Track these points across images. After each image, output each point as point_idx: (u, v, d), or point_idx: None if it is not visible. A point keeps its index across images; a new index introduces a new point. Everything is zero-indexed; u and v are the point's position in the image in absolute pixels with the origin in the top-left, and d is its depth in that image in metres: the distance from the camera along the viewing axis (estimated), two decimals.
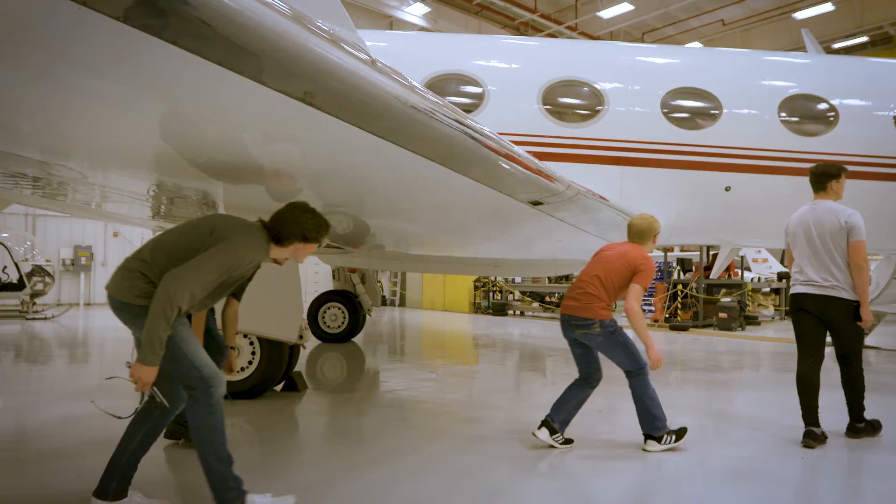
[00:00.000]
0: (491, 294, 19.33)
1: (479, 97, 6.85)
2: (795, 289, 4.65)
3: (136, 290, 2.80)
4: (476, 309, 19.28)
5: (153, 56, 1.75)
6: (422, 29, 21.32)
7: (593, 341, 4.27)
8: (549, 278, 18.00)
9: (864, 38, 24.47)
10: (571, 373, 8.01)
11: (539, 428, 4.25)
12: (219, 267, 2.78)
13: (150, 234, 16.62)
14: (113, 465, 2.94)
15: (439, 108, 2.55)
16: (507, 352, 10.54)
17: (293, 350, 5.86)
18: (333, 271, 10.79)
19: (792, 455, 4.20)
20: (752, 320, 15.16)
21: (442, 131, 2.61)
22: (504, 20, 23.36)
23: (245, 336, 5.48)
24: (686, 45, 23.63)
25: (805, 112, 7.14)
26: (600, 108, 6.83)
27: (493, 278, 18.74)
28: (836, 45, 24.35)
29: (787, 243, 4.84)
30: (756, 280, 18.72)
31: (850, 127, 7.04)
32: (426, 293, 20.70)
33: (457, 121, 2.66)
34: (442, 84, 6.98)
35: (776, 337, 12.70)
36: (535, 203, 4.07)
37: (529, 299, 18.89)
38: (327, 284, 13.12)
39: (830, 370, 4.73)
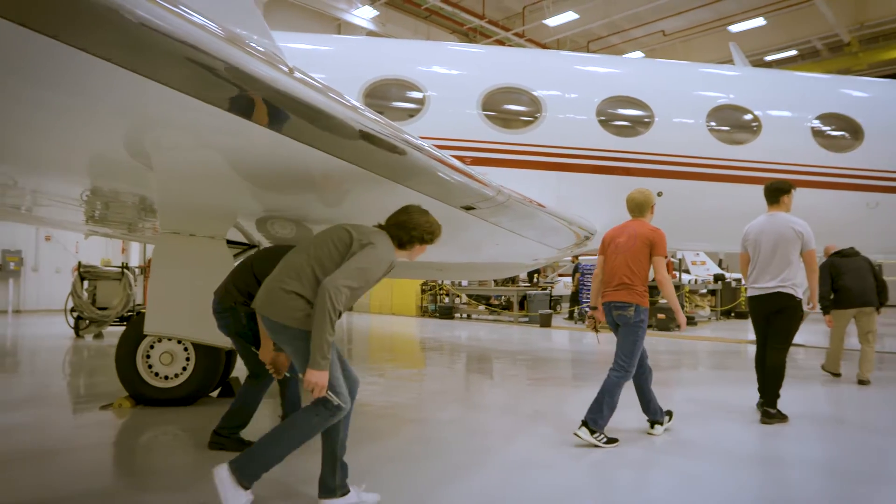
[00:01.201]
0: (438, 297, 19.43)
1: (420, 102, 6.92)
2: (752, 291, 5.36)
3: (296, 313, 2.97)
4: (423, 312, 19.35)
5: (69, 61, 1.74)
6: (370, 33, 21.30)
7: (624, 321, 4.56)
8: (494, 281, 18.22)
9: (793, 52, 25.73)
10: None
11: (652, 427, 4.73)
12: (370, 271, 3.02)
13: (81, 238, 15.98)
14: (336, 461, 3.16)
15: (358, 113, 2.58)
16: (455, 354, 10.62)
17: (230, 355, 5.79)
18: None
19: (752, 430, 4.44)
20: (689, 321, 15.71)
21: (361, 136, 2.65)
22: (453, 25, 23.57)
23: (179, 342, 5.39)
24: (628, 55, 24.35)
25: (731, 122, 7.49)
26: (538, 114, 7.00)
27: (439, 282, 18.84)
28: (768, 58, 25.54)
29: (743, 248, 5.53)
30: (693, 282, 19.38)
31: (772, 136, 7.42)
32: (374, 297, 20.64)
33: (377, 126, 2.70)
34: (384, 88, 7.03)
35: (712, 336, 13.20)
36: (468, 208, 4.15)
37: (476, 302, 19.08)
38: None
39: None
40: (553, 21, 22.81)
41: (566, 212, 6.32)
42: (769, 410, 5.22)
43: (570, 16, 22.45)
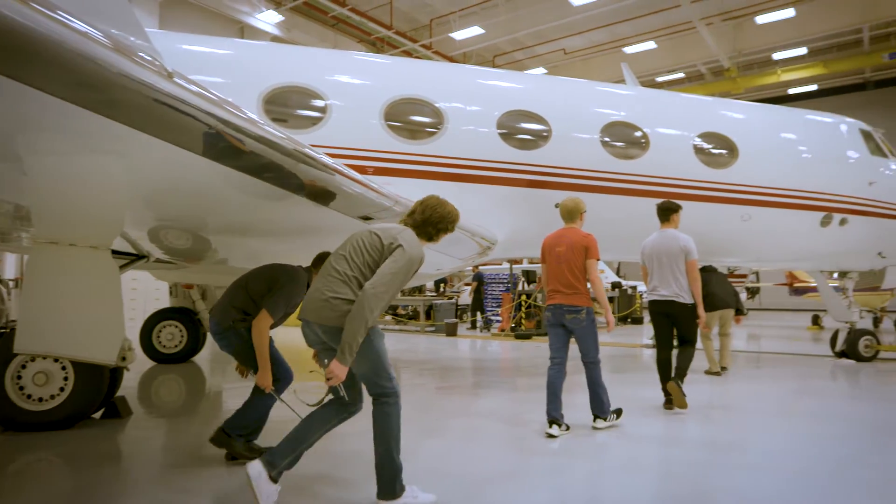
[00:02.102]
0: None
1: (322, 111, 6.84)
2: (652, 297, 6.13)
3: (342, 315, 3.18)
4: None
5: None
6: (275, 38, 20.83)
7: (578, 325, 5.15)
8: (401, 291, 18.22)
9: (681, 75, 27.66)
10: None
11: (550, 427, 5.02)
12: (402, 273, 3.21)
13: None
14: (297, 453, 3.40)
15: (247, 122, 2.52)
16: None
17: (115, 373, 5.44)
18: (170, 287, 10.14)
19: (654, 417, 4.68)
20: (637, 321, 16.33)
21: (252, 146, 2.59)
22: (360, 35, 23.49)
23: (56, 360, 5.00)
24: (531, 70, 25.22)
25: (623, 137, 7.92)
26: (440, 126, 7.10)
27: None
28: (659, 79, 27.29)
29: (642, 262, 6.30)
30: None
31: (659, 152, 7.91)
32: None
33: (267, 135, 2.65)
34: (285, 95, 6.89)
35: (611, 342, 13.80)
36: (365, 218, 4.14)
37: (382, 312, 19.00)
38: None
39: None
40: (459, 35, 23.25)
41: (468, 223, 6.44)
42: (675, 388, 6.00)
43: (475, 30, 22.98)
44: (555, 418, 5.08)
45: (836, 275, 10.95)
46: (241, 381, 8.44)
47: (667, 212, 6.24)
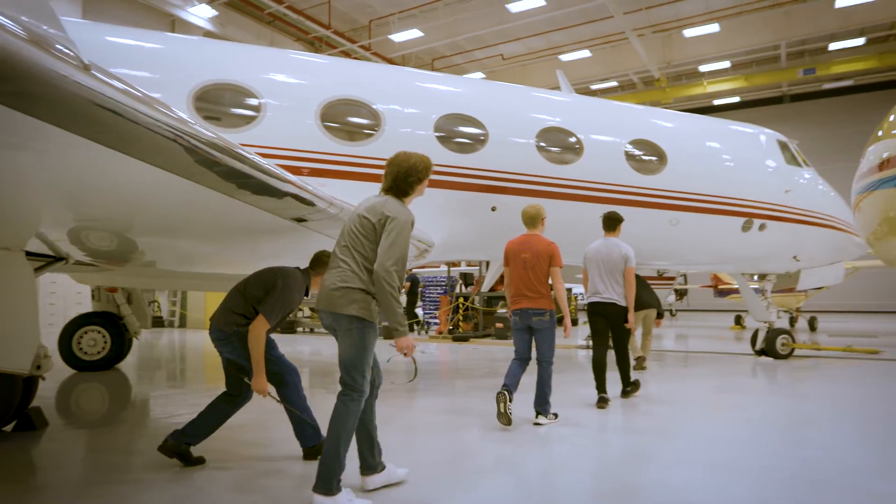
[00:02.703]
0: None
1: (256, 109, 6.67)
2: (592, 299, 6.56)
3: (362, 304, 3.38)
4: None
5: None
6: (207, 33, 20.19)
7: (543, 326, 5.56)
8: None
9: (614, 83, 28.54)
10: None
11: (537, 417, 5.50)
12: (401, 240, 3.38)
13: None
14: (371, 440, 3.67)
15: (174, 119, 2.42)
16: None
17: (29, 382, 5.12)
18: (93, 291, 9.65)
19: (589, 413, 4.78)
20: None
21: (177, 143, 2.48)
22: (298, 33, 23.10)
23: None
24: (470, 75, 25.44)
25: (558, 143, 8.08)
26: (378, 128, 7.05)
27: None
28: (594, 87, 28.08)
29: (584, 265, 6.69)
30: None
31: (592, 158, 8.11)
32: (210, 312, 19.35)
33: (188, 131, 2.54)
34: (217, 93, 6.67)
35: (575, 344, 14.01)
36: (299, 220, 4.06)
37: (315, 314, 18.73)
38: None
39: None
40: (398, 37, 23.21)
41: None
42: (626, 388, 6.81)
43: (415, 33, 23.00)
44: (507, 387, 5.45)
45: (756, 277, 11.54)
46: (169, 389, 8.16)
47: (613, 221, 6.76)
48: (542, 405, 5.60)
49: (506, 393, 5.36)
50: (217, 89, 6.64)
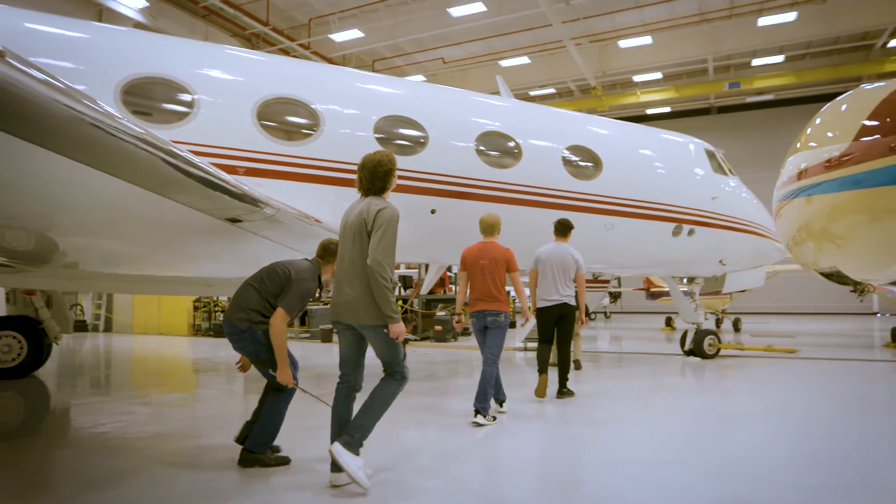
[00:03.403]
0: (213, 315, 18.20)
1: (189, 105, 6.43)
2: (542, 303, 6.92)
3: (372, 310, 3.74)
4: (196, 331, 17.96)
5: None
6: (137, 25, 19.37)
7: (497, 325, 5.93)
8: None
9: (552, 90, 29.15)
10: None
11: (476, 416, 5.62)
12: (394, 236, 3.72)
13: None
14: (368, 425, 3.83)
15: (96, 111, 2.29)
16: (231, 375, 9.98)
17: None
18: (7, 294, 9.07)
19: (526, 414, 4.77)
20: (465, 332, 16.70)
21: (99, 137, 2.35)
22: (234, 29, 22.48)
23: None
24: (411, 77, 25.42)
25: (497, 147, 8.16)
26: (316, 128, 6.93)
27: (215, 298, 17.68)
28: (532, 93, 28.58)
29: (535, 266, 7.06)
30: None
31: (530, 162, 8.24)
32: (138, 316, 18.64)
33: (115, 125, 2.42)
34: (147, 87, 6.40)
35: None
36: (234, 220, 3.93)
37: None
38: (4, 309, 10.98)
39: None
40: (339, 37, 22.95)
41: None
42: (563, 389, 7.05)
43: (355, 33, 22.79)
44: (484, 408, 5.71)
45: (685, 280, 12.00)
46: (91, 397, 7.76)
47: (565, 227, 7.26)
48: (481, 402, 5.71)
49: (480, 415, 5.68)
50: (147, 83, 6.37)
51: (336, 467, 3.72)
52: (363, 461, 3.75)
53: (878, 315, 27.34)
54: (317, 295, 4.55)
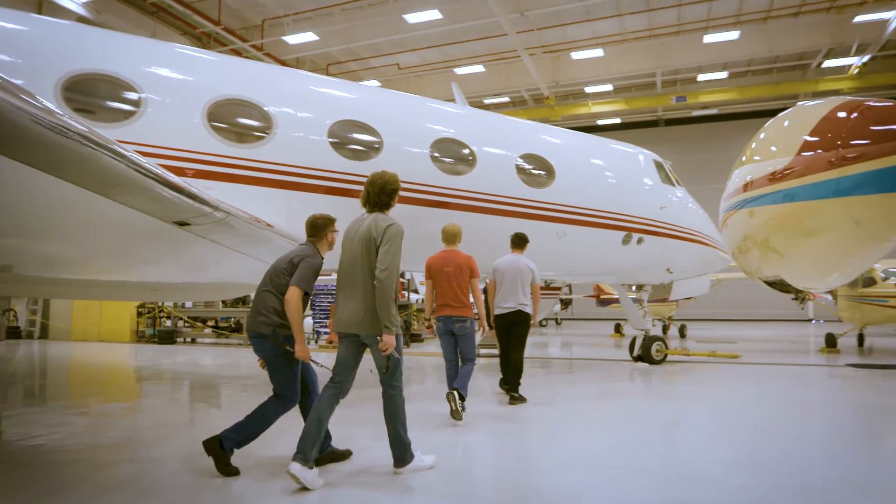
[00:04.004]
0: (158, 321, 17.62)
1: (136, 104, 6.22)
2: (499, 310, 7.23)
3: (376, 323, 4.02)
4: (140, 338, 17.35)
5: None
6: (81, 19, 18.66)
7: (464, 332, 6.34)
8: (223, 302, 17.19)
9: (506, 98, 29.50)
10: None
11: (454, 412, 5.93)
12: (399, 250, 4.04)
13: None
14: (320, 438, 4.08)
15: (34, 106, 2.18)
16: (176, 383, 9.67)
17: None
18: None
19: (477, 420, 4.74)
20: (416, 338, 16.66)
21: (39, 134, 2.24)
22: (184, 27, 21.90)
23: None
24: (366, 82, 25.29)
25: (451, 153, 8.18)
26: (269, 131, 6.80)
27: (159, 303, 17.13)
28: (487, 101, 28.85)
29: (493, 276, 7.38)
30: (420, 301, 20.61)
31: (484, 170, 8.29)
32: (76, 322, 17.87)
33: (54, 122, 2.30)
34: (90, 83, 6.15)
35: (436, 352, 14.14)
36: (182, 224, 3.81)
37: (201, 325, 17.75)
38: None
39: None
40: (293, 39, 22.65)
41: (296, 232, 6.22)
42: (514, 395, 7.23)
43: (310, 36, 22.53)
44: (456, 388, 6.06)
45: (634, 287, 12.29)
46: (22, 409, 7.37)
47: (522, 240, 7.62)
48: (462, 388, 6.30)
49: (454, 392, 6.00)
50: (91, 80, 6.13)
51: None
52: (317, 472, 4.05)
53: (814, 322, 28.60)
54: None
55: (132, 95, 6.22)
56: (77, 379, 10.38)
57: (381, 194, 4.24)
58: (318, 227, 4.60)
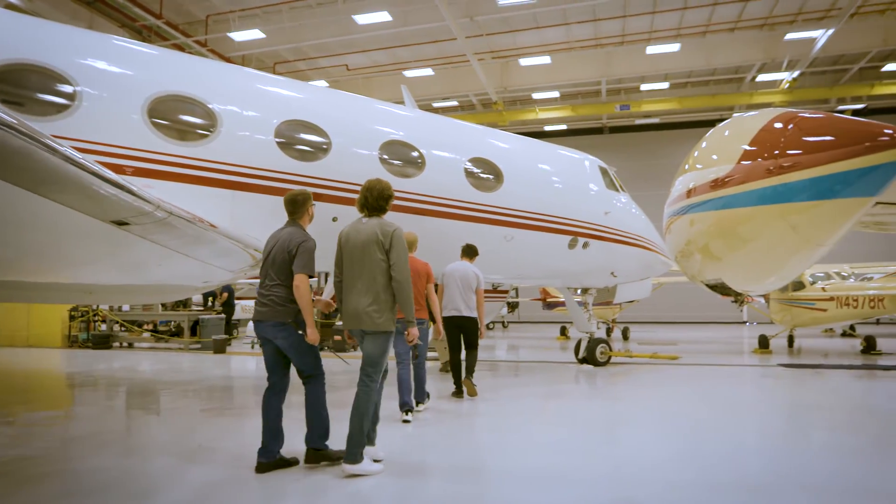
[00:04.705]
0: (92, 324, 16.87)
1: (70, 97, 5.93)
2: (450, 314, 7.73)
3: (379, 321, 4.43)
4: (72, 343, 16.57)
5: None
6: (10, 6, 17.72)
7: (420, 332, 6.56)
8: (163, 305, 16.60)
9: (455, 103, 29.66)
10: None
11: (407, 414, 6.29)
12: (403, 251, 4.45)
13: None
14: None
15: None
16: (112, 390, 9.27)
17: None
18: None
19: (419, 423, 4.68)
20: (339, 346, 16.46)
21: None
22: (123, 19, 21.09)
23: None
24: (314, 82, 24.95)
25: (399, 156, 8.15)
26: (213, 129, 6.61)
27: (94, 306, 16.41)
28: (436, 105, 28.93)
29: (443, 282, 7.79)
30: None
31: (434, 173, 8.29)
32: (2, 327, 16.91)
33: None
34: (19, 74, 5.83)
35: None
36: (121, 223, 3.65)
37: (139, 329, 17.09)
38: None
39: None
40: (238, 36, 22.13)
41: (240, 233, 6.07)
42: (467, 377, 8.02)
43: (256, 34, 22.06)
44: (408, 404, 6.34)
45: (579, 291, 12.52)
46: None
47: (472, 251, 8.18)
48: (420, 396, 6.82)
49: (409, 412, 6.39)
50: (19, 70, 5.81)
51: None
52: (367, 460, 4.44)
53: (748, 324, 29.82)
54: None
55: (66, 88, 5.94)
56: (2, 386, 9.82)
57: (378, 199, 4.63)
58: (300, 203, 4.80)
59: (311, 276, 4.55)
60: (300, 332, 4.53)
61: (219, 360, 13.59)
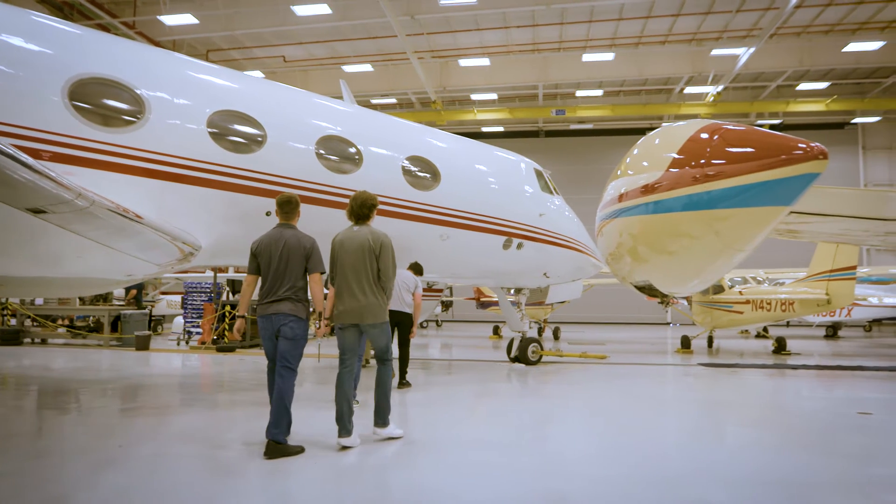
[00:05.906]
0: (3, 318, 15.84)
1: None
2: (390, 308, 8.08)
3: (382, 312, 5.20)
4: None
5: None
6: None
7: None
8: (81, 299, 15.77)
9: (394, 100, 29.56)
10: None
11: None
12: (391, 257, 5.21)
13: None
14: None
15: None
16: (22, 389, 8.72)
17: None
18: None
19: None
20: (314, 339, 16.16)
21: None
22: None
23: None
24: (248, 72, 24.27)
25: (336, 151, 8.03)
26: (141, 115, 6.31)
27: (3, 299, 15.40)
28: (374, 101, 28.74)
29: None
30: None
31: (371, 169, 8.22)
32: None
33: None
34: None
35: (325, 354, 13.79)
36: (37, 211, 3.44)
37: (53, 324, 16.17)
38: None
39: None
40: (169, 19, 21.23)
41: (168, 225, 5.83)
42: (402, 381, 8.71)
43: (188, 18, 21.23)
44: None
45: (512, 291, 12.72)
46: None
47: (418, 269, 9.03)
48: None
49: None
50: None
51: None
52: (394, 425, 5.44)
53: (672, 325, 31.09)
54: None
55: None
56: None
57: (362, 207, 5.27)
58: (295, 205, 5.28)
59: (324, 279, 5.14)
60: (309, 326, 5.07)
61: (141, 357, 13.03)
